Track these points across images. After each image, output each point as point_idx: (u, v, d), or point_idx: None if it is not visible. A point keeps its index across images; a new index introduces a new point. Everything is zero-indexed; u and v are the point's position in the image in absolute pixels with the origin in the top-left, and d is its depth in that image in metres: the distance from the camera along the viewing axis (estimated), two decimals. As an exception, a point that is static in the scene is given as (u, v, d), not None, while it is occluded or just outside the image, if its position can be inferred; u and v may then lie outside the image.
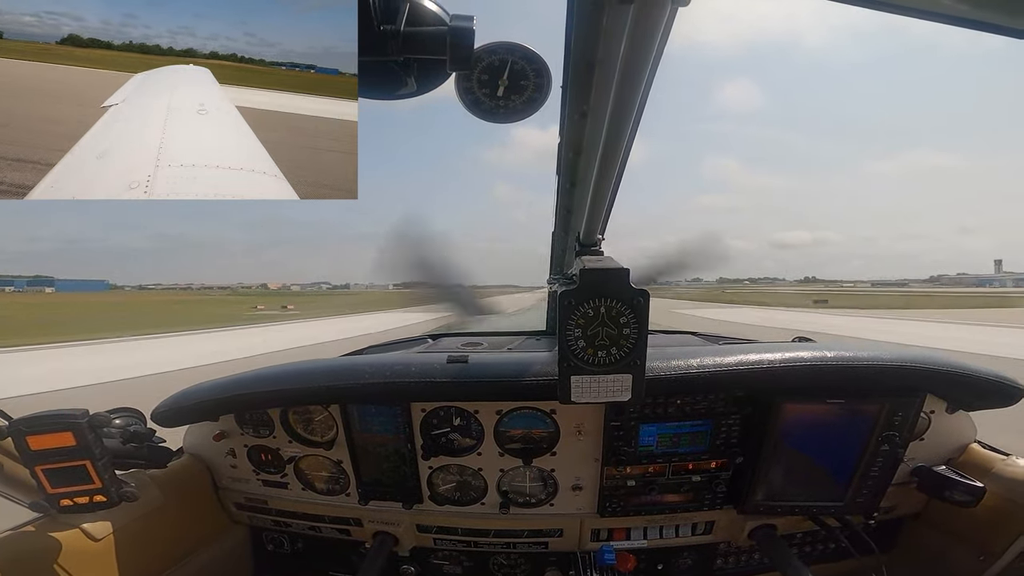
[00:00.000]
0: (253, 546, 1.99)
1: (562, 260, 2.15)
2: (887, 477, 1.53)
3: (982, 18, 0.62)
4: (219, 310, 46.10)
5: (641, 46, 0.67)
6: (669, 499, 1.65)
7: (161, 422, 1.68)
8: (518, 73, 0.80)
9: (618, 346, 1.07)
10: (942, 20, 0.64)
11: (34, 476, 1.25)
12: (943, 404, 1.65)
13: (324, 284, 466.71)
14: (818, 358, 1.44)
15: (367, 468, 1.69)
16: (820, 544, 1.83)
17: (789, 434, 1.50)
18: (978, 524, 1.57)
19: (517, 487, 1.69)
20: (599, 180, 1.07)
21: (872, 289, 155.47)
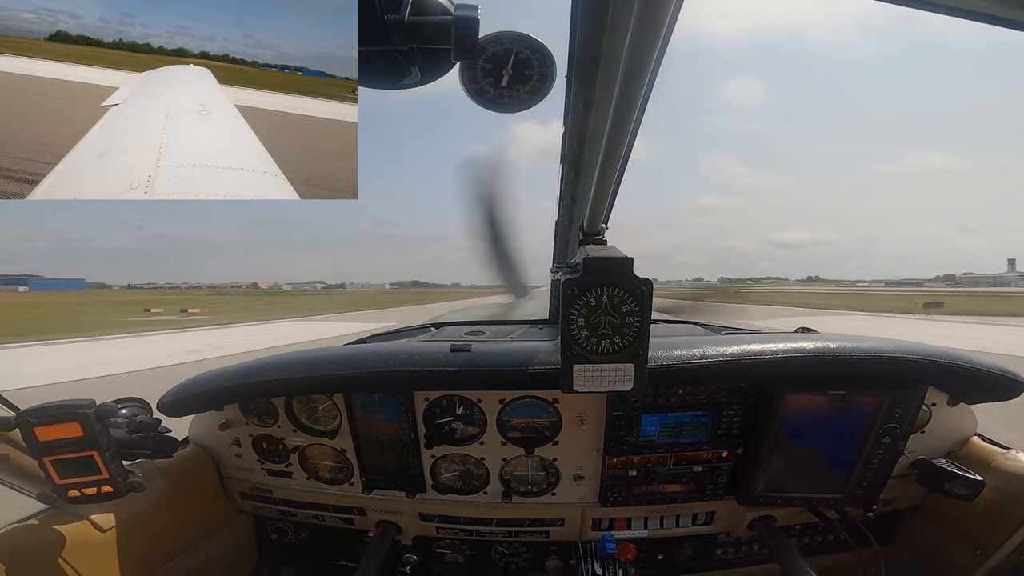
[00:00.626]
0: (258, 535, 2.01)
1: (565, 249, 2.14)
2: (887, 469, 1.54)
3: (999, 13, 0.60)
4: (99, 317, 34.81)
5: (646, 37, 0.67)
6: (670, 489, 1.66)
7: (167, 412, 1.69)
8: (522, 63, 0.79)
9: (621, 335, 1.07)
10: (957, 14, 0.63)
11: (42, 467, 1.25)
12: (945, 397, 1.65)
13: (319, 283, 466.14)
14: (820, 349, 1.44)
15: (370, 457, 1.70)
16: (819, 536, 1.85)
17: (790, 425, 1.51)
18: (976, 517, 1.57)
19: (519, 476, 1.71)
20: (603, 169, 1.07)
21: (902, 290, 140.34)
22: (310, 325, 25.88)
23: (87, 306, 58.69)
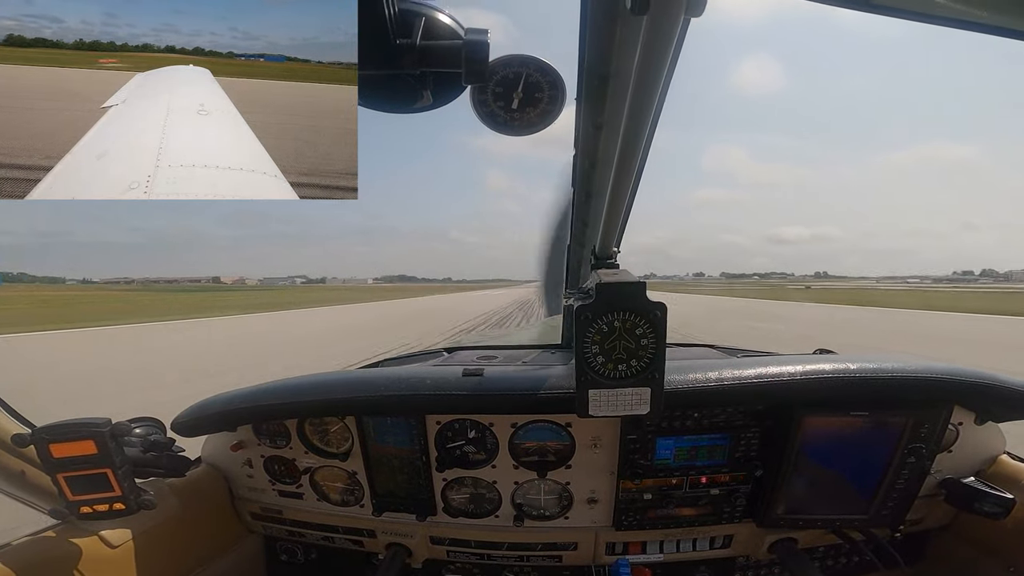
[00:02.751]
0: (267, 555, 2.00)
1: (578, 273, 2.14)
2: (913, 490, 1.49)
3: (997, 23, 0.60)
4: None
5: (654, 57, 0.67)
6: (686, 512, 1.61)
7: (181, 432, 1.70)
8: (533, 86, 0.80)
9: (637, 358, 1.06)
10: (952, 24, 0.62)
11: (55, 483, 1.27)
12: (971, 416, 1.60)
13: (299, 279, 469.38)
14: (840, 370, 1.41)
15: (381, 480, 1.69)
16: (843, 558, 1.78)
17: (811, 447, 1.46)
18: (1008, 535, 1.52)
19: (531, 500, 1.68)
20: (615, 192, 1.07)
21: (942, 287, 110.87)
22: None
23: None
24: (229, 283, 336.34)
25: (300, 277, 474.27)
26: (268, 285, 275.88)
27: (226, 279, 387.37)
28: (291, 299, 49.25)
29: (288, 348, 16.53)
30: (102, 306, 46.72)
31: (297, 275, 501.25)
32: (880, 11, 0.65)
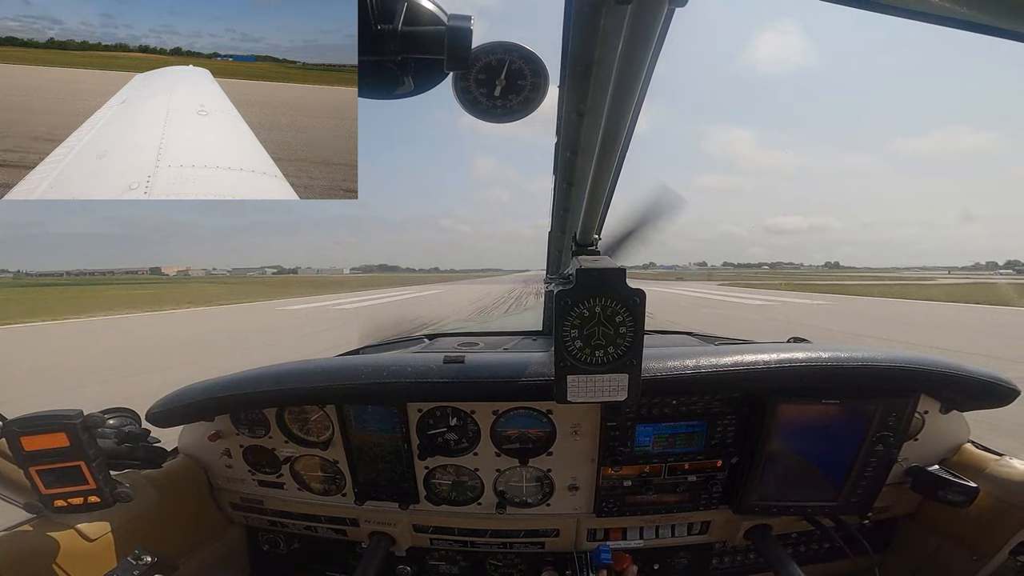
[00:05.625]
0: (249, 546, 1.98)
1: (559, 260, 2.15)
2: (881, 477, 1.54)
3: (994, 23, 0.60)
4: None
5: (638, 46, 0.67)
6: (665, 499, 1.65)
7: (156, 422, 1.66)
8: (515, 73, 0.80)
9: (615, 345, 1.07)
10: (951, 24, 0.63)
11: (28, 477, 1.24)
12: (937, 404, 1.66)
13: (270, 269, 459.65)
14: (813, 359, 1.45)
15: (363, 468, 1.69)
16: (815, 544, 1.84)
17: (784, 434, 1.51)
18: (971, 524, 1.58)
19: (513, 487, 1.69)
20: (596, 180, 1.07)
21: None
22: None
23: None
24: (171, 274, 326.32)
25: (272, 267, 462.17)
26: (238, 276, 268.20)
27: (168, 270, 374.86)
28: (217, 293, 42.52)
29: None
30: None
31: (269, 265, 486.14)
32: (879, 10, 0.65)
